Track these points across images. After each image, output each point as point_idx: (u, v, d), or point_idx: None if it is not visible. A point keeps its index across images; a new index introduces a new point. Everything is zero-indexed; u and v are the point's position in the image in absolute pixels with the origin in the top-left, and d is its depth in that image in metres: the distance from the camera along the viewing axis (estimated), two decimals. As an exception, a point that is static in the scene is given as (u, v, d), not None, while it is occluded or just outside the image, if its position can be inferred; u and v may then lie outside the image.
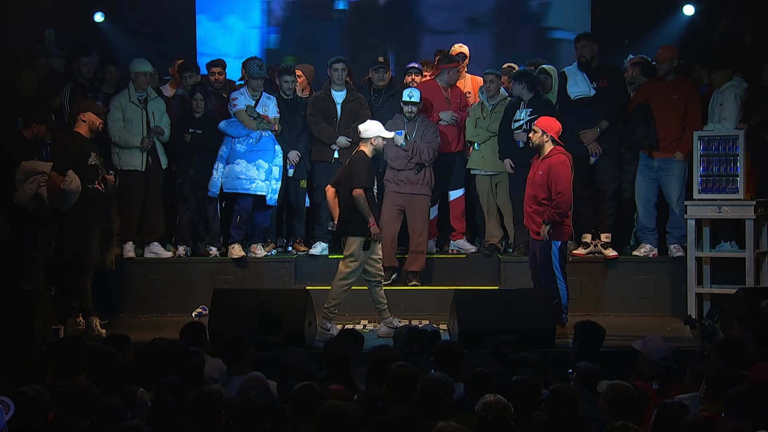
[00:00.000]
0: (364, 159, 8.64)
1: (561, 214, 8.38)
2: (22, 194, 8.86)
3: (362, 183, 8.52)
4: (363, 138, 8.71)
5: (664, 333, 8.16)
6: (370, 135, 8.68)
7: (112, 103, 9.75)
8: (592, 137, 9.73)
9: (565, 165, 8.42)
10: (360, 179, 8.52)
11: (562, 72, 10.02)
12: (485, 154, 10.01)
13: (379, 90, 10.27)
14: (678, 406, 5.07)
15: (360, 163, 8.60)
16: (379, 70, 10.26)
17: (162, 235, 10.13)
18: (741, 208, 9.12)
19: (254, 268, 9.96)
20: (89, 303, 8.69)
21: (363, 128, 8.75)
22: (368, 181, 8.60)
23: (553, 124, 8.55)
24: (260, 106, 9.93)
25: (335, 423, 4.67)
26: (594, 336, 6.92)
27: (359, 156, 8.67)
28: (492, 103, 10.03)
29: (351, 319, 9.44)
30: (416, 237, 9.75)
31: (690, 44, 11.15)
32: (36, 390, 5.06)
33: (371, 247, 8.60)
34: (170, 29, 12.13)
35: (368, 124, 8.80)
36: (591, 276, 9.77)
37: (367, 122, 8.89)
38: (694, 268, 9.27)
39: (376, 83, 10.29)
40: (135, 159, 9.82)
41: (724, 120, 9.39)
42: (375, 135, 8.68)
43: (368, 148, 8.68)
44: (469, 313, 8.12)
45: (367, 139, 8.68)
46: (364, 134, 8.70)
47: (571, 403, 5.23)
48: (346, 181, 8.62)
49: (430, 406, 5.13)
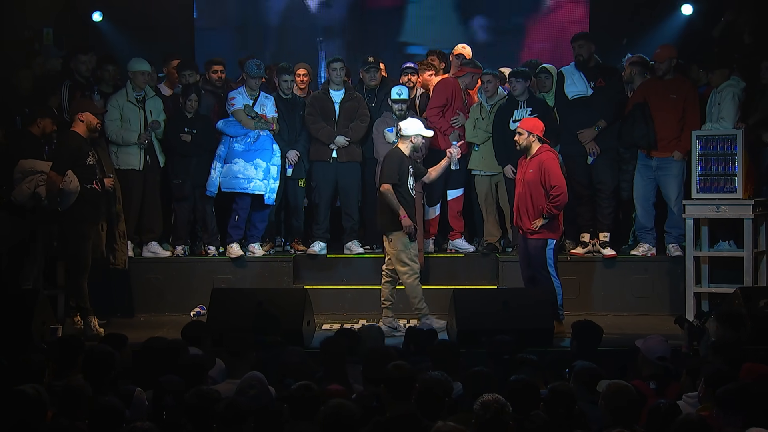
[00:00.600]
0: (395, 155, 8.65)
1: (559, 207, 8.41)
2: (19, 193, 8.86)
3: (390, 179, 8.55)
4: (403, 135, 8.70)
5: (662, 332, 8.13)
6: (410, 133, 8.68)
7: (109, 102, 9.75)
8: (590, 137, 9.74)
9: (554, 160, 8.51)
10: (388, 175, 8.56)
11: (559, 72, 10.02)
12: (485, 154, 10.00)
13: (372, 90, 10.27)
14: (670, 405, 5.08)
15: (390, 160, 8.64)
16: (370, 70, 10.27)
17: (160, 234, 10.13)
18: (739, 208, 9.12)
19: (252, 268, 9.97)
20: (86, 302, 8.69)
21: (404, 125, 8.75)
22: (396, 176, 8.58)
23: (537, 124, 8.60)
24: (258, 106, 9.93)
25: (342, 422, 4.68)
26: (591, 335, 6.92)
27: (391, 152, 8.72)
28: (490, 103, 10.02)
29: (349, 318, 9.44)
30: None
31: (688, 44, 11.15)
32: (35, 389, 5.06)
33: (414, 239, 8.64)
34: (168, 28, 12.13)
35: (409, 122, 8.80)
36: (589, 275, 9.78)
37: (408, 120, 8.90)
38: (692, 268, 9.28)
39: (368, 83, 10.30)
40: (132, 158, 9.81)
41: (722, 119, 9.40)
42: (415, 133, 8.68)
43: (406, 146, 8.69)
44: (468, 313, 8.13)
45: (407, 136, 8.67)
46: (405, 131, 8.69)
47: (569, 402, 5.23)
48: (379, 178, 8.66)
49: (430, 405, 5.13)
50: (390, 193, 8.53)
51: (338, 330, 8.13)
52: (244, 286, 9.50)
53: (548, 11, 12.82)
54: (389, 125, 9.76)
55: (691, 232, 9.27)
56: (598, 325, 7.02)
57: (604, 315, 9.39)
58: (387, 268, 8.84)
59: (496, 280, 9.88)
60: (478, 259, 10.17)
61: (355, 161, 10.16)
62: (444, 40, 11.96)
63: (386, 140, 9.73)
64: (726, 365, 5.72)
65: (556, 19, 12.72)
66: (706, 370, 5.52)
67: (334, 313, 9.60)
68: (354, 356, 6.46)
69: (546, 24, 12.74)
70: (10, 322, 7.76)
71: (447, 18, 12.73)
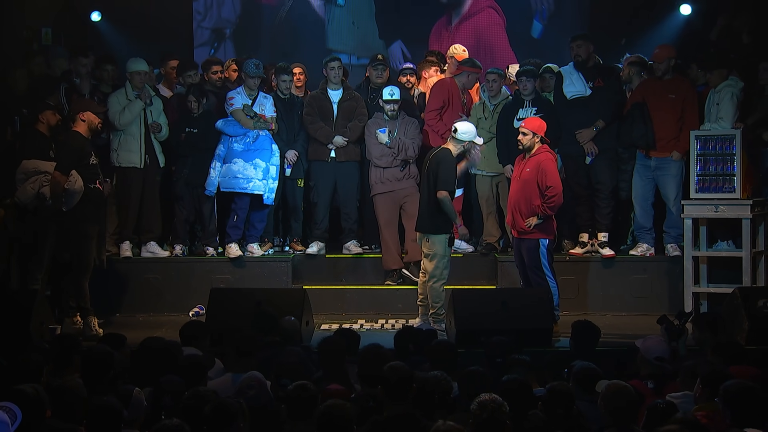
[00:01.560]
0: (452, 160, 8.50)
1: (553, 208, 8.41)
2: (23, 193, 8.87)
3: (448, 186, 8.43)
4: (456, 139, 8.55)
5: (661, 333, 8.15)
6: (465, 138, 8.52)
7: (109, 99, 9.75)
8: (588, 137, 9.74)
9: (552, 161, 8.50)
10: (447, 182, 8.42)
11: (558, 72, 10.03)
12: (486, 154, 9.96)
13: (377, 88, 10.27)
14: (667, 405, 5.08)
15: (447, 164, 8.46)
16: (378, 68, 10.28)
17: (159, 234, 10.13)
18: (738, 208, 9.13)
19: (251, 268, 9.96)
20: (87, 302, 8.70)
21: (461, 129, 8.56)
22: (454, 184, 8.49)
23: (541, 125, 8.60)
24: (257, 106, 9.93)
25: (336, 422, 4.68)
26: (589, 335, 6.93)
27: (446, 155, 8.51)
28: (494, 103, 10.01)
29: (347, 318, 9.45)
30: (412, 229, 9.72)
31: (687, 44, 11.16)
32: (34, 389, 5.06)
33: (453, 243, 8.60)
34: (167, 28, 12.12)
35: (466, 126, 8.62)
36: (588, 275, 9.79)
37: (465, 123, 8.72)
38: (690, 268, 9.28)
39: (375, 81, 10.30)
40: (133, 156, 9.80)
41: (721, 119, 9.41)
42: (470, 139, 8.53)
43: (456, 148, 8.54)
44: (466, 313, 8.13)
45: (462, 141, 8.54)
46: (460, 136, 8.52)
47: (568, 402, 5.24)
48: (431, 180, 8.50)
49: (429, 405, 5.14)
50: (448, 200, 8.40)
51: (337, 330, 8.13)
52: (242, 286, 9.49)
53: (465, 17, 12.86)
54: (381, 126, 9.77)
55: (689, 232, 9.28)
56: (596, 325, 7.02)
57: (603, 315, 9.40)
58: (425, 269, 8.71)
59: (495, 280, 9.88)
60: (477, 259, 10.17)
61: (353, 161, 10.17)
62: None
63: (378, 141, 9.73)
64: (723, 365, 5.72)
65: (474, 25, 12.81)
66: (703, 370, 5.52)
67: (333, 313, 9.60)
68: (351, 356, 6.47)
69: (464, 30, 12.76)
70: (9, 322, 7.76)
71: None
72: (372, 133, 9.84)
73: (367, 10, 12.77)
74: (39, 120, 9.15)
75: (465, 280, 9.93)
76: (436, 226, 8.51)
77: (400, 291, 9.64)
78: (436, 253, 8.52)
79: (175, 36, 12.27)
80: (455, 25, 12.72)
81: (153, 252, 10.02)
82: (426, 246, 8.59)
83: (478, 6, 12.78)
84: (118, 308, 9.73)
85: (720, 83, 9.48)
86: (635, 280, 9.77)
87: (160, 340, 6.50)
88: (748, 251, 9.08)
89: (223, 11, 12.82)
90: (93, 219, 8.73)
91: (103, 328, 8.67)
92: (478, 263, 10.14)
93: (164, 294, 9.84)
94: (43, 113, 9.13)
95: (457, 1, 12.78)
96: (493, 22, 12.63)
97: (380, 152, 9.77)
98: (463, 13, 12.77)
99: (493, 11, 12.73)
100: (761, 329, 7.86)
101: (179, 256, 10.07)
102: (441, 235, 8.51)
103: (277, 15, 12.73)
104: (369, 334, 8.73)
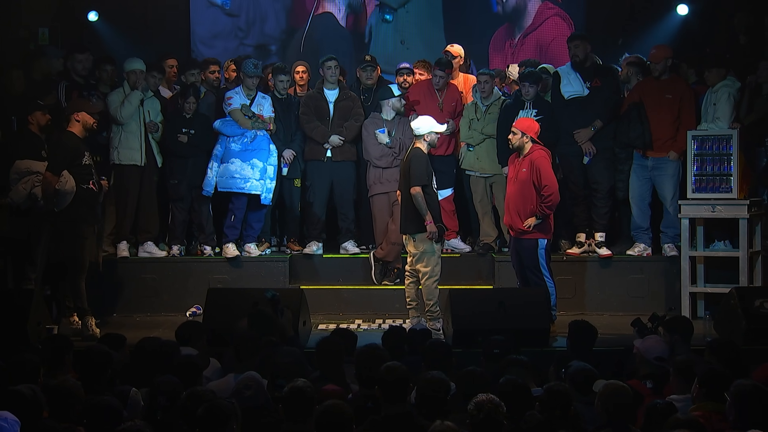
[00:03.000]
0: (421, 156, 8.58)
1: (551, 207, 8.42)
2: (16, 194, 8.85)
3: (420, 180, 8.49)
4: (416, 135, 8.65)
5: (658, 332, 8.16)
6: (423, 131, 8.61)
7: (108, 98, 9.74)
8: (586, 137, 9.74)
9: (546, 159, 8.50)
10: (418, 177, 8.48)
11: (555, 72, 10.03)
12: (480, 155, 10.00)
13: (368, 89, 10.27)
14: (666, 405, 5.09)
15: (417, 161, 8.55)
16: (367, 69, 10.28)
17: (156, 234, 10.12)
18: (734, 208, 9.15)
19: (248, 268, 9.95)
20: (84, 303, 8.68)
21: (415, 125, 8.68)
22: (426, 178, 8.52)
23: (531, 125, 8.61)
24: (255, 105, 9.92)
25: (334, 422, 4.68)
26: (586, 336, 6.93)
27: (416, 153, 8.61)
28: (486, 104, 10.02)
29: (345, 318, 9.44)
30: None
31: (684, 44, 11.16)
32: (31, 389, 5.06)
33: (441, 239, 8.58)
34: (164, 28, 12.11)
35: (420, 121, 8.72)
36: (585, 275, 9.79)
37: (419, 118, 8.81)
38: (687, 268, 9.30)
39: (365, 82, 10.30)
40: (134, 153, 9.78)
41: (718, 119, 9.42)
42: (428, 131, 8.61)
43: (423, 144, 8.62)
44: (464, 313, 8.13)
45: (421, 135, 8.62)
46: (417, 131, 8.63)
47: (565, 402, 5.24)
48: (405, 179, 8.58)
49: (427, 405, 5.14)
50: (420, 196, 8.43)
51: (334, 330, 8.13)
52: (240, 286, 9.49)
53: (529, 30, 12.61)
54: (379, 126, 9.77)
55: (686, 232, 9.30)
56: (593, 325, 7.03)
57: (600, 315, 9.41)
58: (410, 269, 8.75)
59: (492, 280, 9.88)
60: (474, 259, 10.18)
61: (349, 160, 10.16)
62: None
63: (378, 141, 9.73)
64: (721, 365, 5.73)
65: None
66: (700, 370, 5.53)
67: (330, 313, 9.60)
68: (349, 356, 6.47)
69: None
70: (6, 322, 7.75)
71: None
72: (371, 133, 9.84)
73: (422, 24, 12.48)
74: (29, 121, 9.14)
75: (462, 280, 9.94)
76: (419, 225, 8.53)
77: (397, 291, 9.62)
78: (424, 251, 8.54)
79: (173, 36, 12.24)
80: (519, 39, 12.44)
81: (150, 252, 10.01)
82: (412, 246, 8.61)
83: (543, 16, 12.46)
84: (115, 308, 9.72)
85: (718, 82, 9.48)
86: (632, 280, 9.77)
87: (156, 341, 6.50)
88: (745, 251, 9.09)
89: (267, 27, 12.66)
90: (86, 219, 8.70)
91: (100, 328, 8.66)
92: (475, 263, 10.15)
93: (161, 294, 9.83)
94: (33, 114, 9.12)
95: (518, 12, 12.53)
96: (561, 32, 12.24)
97: (380, 152, 9.77)
98: (527, 25, 12.48)
99: (559, 19, 12.38)
100: (758, 329, 7.88)
101: (176, 256, 10.06)
102: (424, 232, 8.52)
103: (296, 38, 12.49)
104: (366, 334, 8.73)
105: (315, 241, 10.16)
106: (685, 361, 5.81)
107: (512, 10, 12.55)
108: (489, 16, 12.53)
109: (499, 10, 12.59)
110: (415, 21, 12.59)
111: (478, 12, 12.55)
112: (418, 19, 12.60)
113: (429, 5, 12.57)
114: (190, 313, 9.44)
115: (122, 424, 4.87)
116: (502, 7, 12.56)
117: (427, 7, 12.57)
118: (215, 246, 10.13)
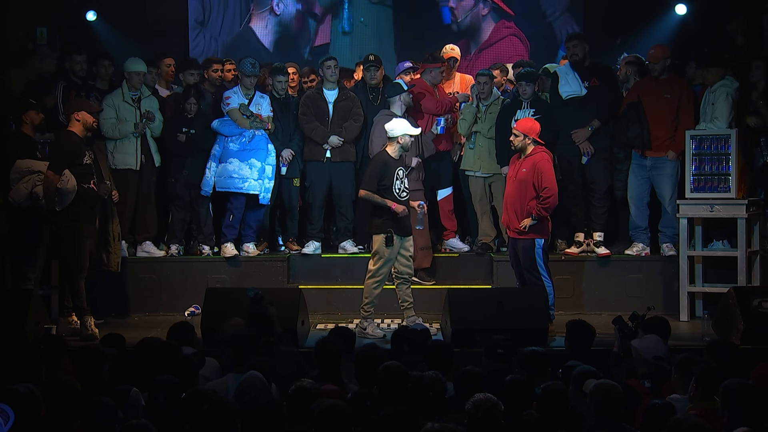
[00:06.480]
0: (378, 160, 8.63)
1: (548, 209, 8.43)
2: (16, 193, 8.85)
3: (367, 185, 8.56)
4: (389, 137, 8.64)
5: (637, 332, 8.16)
6: (396, 134, 8.60)
7: (105, 101, 9.74)
8: (584, 137, 9.75)
9: (548, 162, 8.51)
10: (365, 181, 8.59)
11: (553, 72, 10.04)
12: (479, 155, 10.00)
13: (374, 88, 10.26)
14: (665, 405, 5.09)
15: (372, 164, 8.63)
16: (371, 69, 10.26)
17: (154, 234, 10.12)
18: (733, 207, 9.16)
19: (247, 267, 9.96)
20: (83, 302, 8.69)
21: (389, 127, 8.67)
22: (374, 184, 8.52)
23: (533, 126, 8.61)
24: (253, 105, 9.93)
25: (334, 422, 4.68)
26: (584, 335, 6.93)
27: (375, 157, 8.70)
28: (485, 104, 10.02)
29: (343, 318, 9.45)
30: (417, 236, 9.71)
31: (682, 43, 11.17)
32: (28, 388, 5.06)
33: (395, 243, 8.58)
34: (162, 27, 12.11)
35: (394, 123, 8.72)
36: (583, 275, 9.80)
37: (393, 121, 8.81)
38: (686, 267, 9.31)
39: (369, 81, 10.29)
40: (129, 158, 9.80)
41: (716, 119, 9.42)
42: (402, 133, 8.60)
43: (394, 147, 8.62)
44: (462, 312, 8.14)
45: (394, 138, 8.61)
46: (390, 133, 8.62)
47: (563, 402, 5.24)
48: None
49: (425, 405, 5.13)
50: (368, 197, 8.53)
51: (332, 329, 8.12)
52: (238, 285, 9.47)
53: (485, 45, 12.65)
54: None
55: (685, 231, 9.31)
56: (591, 325, 7.02)
57: (599, 314, 9.40)
58: (394, 270, 8.80)
59: (491, 280, 9.89)
60: (472, 258, 10.18)
61: (348, 161, 10.16)
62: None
63: (433, 132, 9.86)
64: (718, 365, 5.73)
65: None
66: (698, 369, 5.53)
67: (329, 313, 9.61)
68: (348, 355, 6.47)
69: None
70: (4, 321, 7.75)
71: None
72: (381, 129, 9.77)
73: (379, 37, 12.52)
74: (23, 121, 9.14)
75: (461, 280, 9.97)
76: (375, 225, 8.61)
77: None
78: (377, 251, 8.62)
79: (171, 36, 12.24)
80: (474, 54, 12.51)
81: (149, 252, 10.01)
82: (372, 246, 8.71)
83: (500, 34, 12.54)
84: (114, 308, 9.72)
85: (716, 82, 9.49)
86: (631, 279, 9.77)
87: (155, 340, 6.49)
88: (743, 251, 9.10)
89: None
90: (87, 219, 8.71)
91: (99, 328, 8.66)
92: (473, 263, 10.16)
93: (160, 294, 9.84)
94: (27, 113, 9.12)
95: (473, 28, 12.59)
96: (517, 52, 12.33)
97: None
98: (483, 41, 12.55)
99: (516, 39, 12.48)
100: (756, 329, 7.88)
101: (175, 255, 10.07)
102: (379, 235, 8.58)
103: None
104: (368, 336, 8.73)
105: (313, 241, 10.16)
106: (686, 359, 5.81)
107: (467, 27, 12.60)
108: (442, 30, 12.48)
109: (453, 27, 12.59)
110: (380, 32, 12.63)
111: (430, 26, 12.57)
112: (385, 31, 12.65)
113: (381, 21, 12.65)
114: (188, 312, 9.40)
115: (117, 423, 4.88)
116: (456, 25, 12.59)
117: (376, 24, 12.62)
118: (214, 246, 10.13)
